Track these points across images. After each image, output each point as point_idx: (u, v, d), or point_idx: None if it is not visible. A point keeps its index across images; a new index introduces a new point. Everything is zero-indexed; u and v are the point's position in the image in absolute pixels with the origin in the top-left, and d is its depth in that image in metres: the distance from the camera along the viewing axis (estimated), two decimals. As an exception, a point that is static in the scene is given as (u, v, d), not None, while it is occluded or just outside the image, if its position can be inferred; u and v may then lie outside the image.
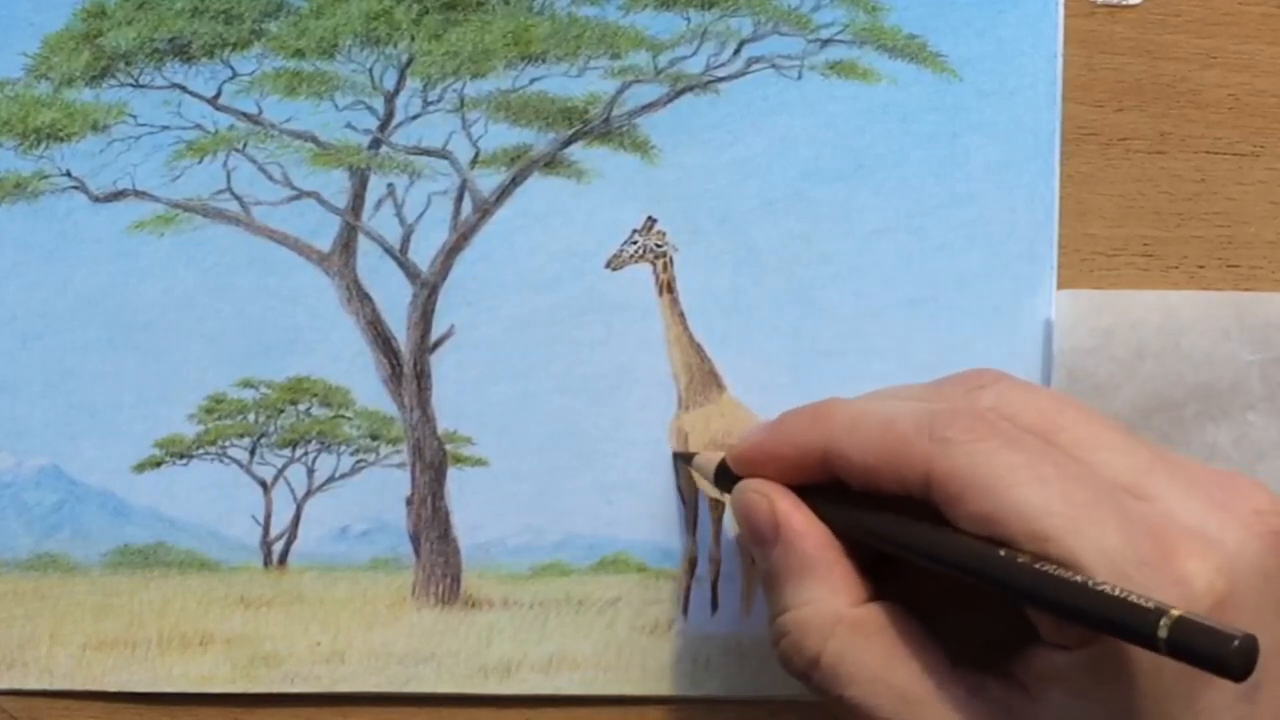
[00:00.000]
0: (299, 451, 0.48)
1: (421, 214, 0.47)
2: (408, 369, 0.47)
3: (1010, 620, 0.37)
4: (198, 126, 0.47)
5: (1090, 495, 0.35)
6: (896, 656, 0.37)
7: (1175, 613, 0.31)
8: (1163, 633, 0.31)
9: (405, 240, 0.47)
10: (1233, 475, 0.38)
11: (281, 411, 0.48)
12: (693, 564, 0.47)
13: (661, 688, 0.47)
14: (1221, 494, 0.36)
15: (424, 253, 0.47)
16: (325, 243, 0.47)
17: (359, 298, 0.47)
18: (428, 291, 0.47)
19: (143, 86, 0.47)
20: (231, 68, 0.47)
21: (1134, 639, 0.32)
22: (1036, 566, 0.34)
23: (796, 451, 0.40)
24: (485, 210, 0.47)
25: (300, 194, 0.47)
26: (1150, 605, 0.32)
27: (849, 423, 0.39)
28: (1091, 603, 0.33)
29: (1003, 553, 0.35)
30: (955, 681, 0.37)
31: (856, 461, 0.38)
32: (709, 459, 0.43)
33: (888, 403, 0.39)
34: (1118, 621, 0.32)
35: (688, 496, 0.47)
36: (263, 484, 0.48)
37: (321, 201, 0.47)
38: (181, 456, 0.48)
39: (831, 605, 0.38)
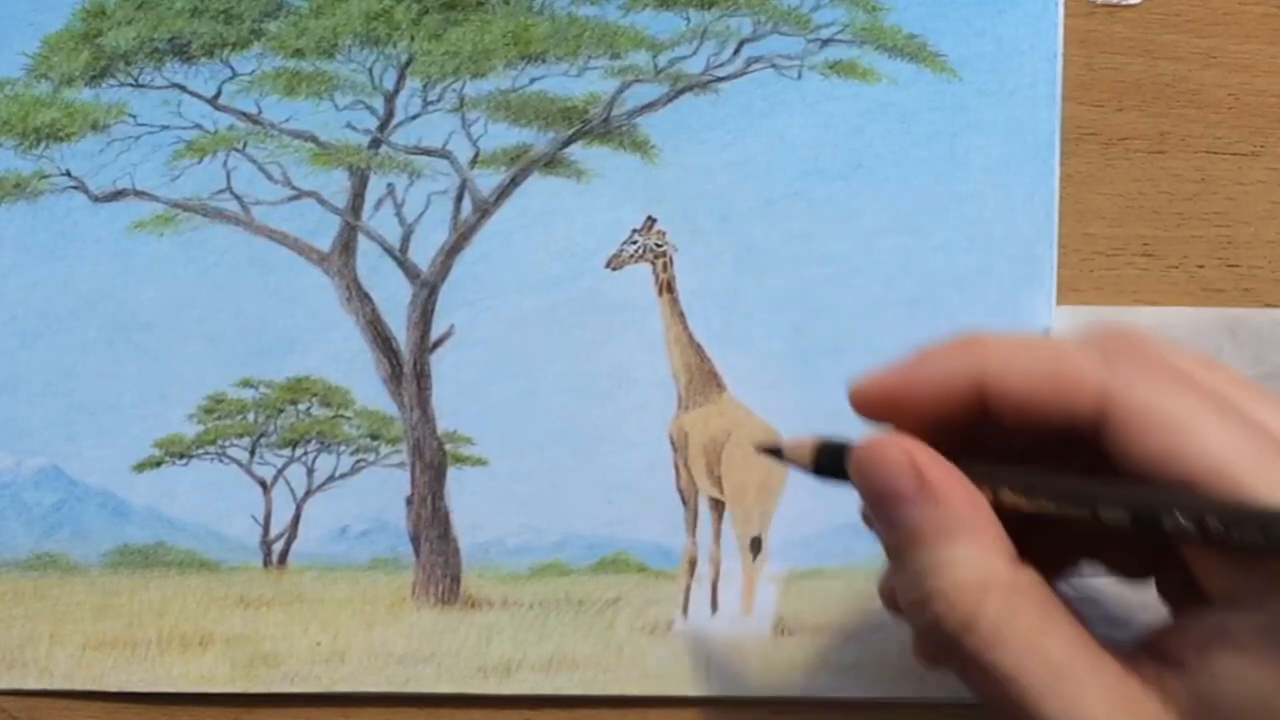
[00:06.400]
0: (299, 451, 0.48)
1: (421, 214, 0.47)
2: (408, 369, 0.47)
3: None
4: (198, 126, 0.47)
5: (1268, 444, 0.33)
6: (1051, 625, 0.34)
7: None
8: None
9: (405, 240, 0.47)
10: None
11: (281, 411, 0.48)
12: (693, 564, 0.47)
13: (661, 688, 0.47)
14: None
15: (424, 253, 0.47)
16: (325, 243, 0.47)
17: (359, 298, 0.47)
18: (428, 291, 0.47)
19: (143, 86, 0.47)
20: (231, 67, 0.47)
21: None
22: (1240, 502, 0.32)
23: (943, 382, 0.36)
24: (485, 210, 0.47)
25: (300, 194, 0.47)
26: None
27: (1009, 350, 0.36)
28: None
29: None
30: (1109, 656, 0.34)
31: (1018, 389, 0.35)
32: (802, 443, 0.38)
33: (1046, 336, 0.36)
34: None
35: (688, 496, 0.47)
36: (262, 484, 0.48)
37: (321, 201, 0.47)
38: (181, 456, 0.47)
39: (988, 565, 0.35)
